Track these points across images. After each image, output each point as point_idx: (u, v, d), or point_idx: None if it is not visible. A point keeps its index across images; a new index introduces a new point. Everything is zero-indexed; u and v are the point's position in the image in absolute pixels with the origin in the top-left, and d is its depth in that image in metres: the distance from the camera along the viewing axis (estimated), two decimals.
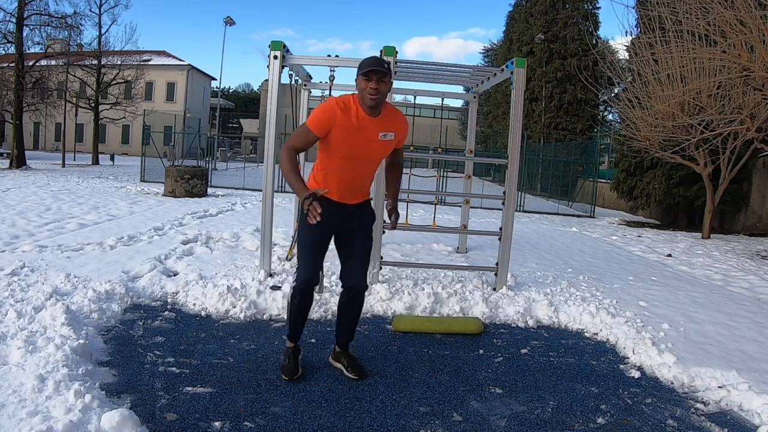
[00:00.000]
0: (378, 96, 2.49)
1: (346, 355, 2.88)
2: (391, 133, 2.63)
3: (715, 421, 2.55)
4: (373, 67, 2.47)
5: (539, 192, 19.40)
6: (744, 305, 4.71)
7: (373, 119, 2.57)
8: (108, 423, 2.02)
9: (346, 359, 2.86)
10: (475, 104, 6.46)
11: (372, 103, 2.51)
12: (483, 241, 6.84)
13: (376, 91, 2.48)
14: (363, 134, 2.56)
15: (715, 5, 6.31)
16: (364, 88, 2.49)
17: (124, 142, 40.22)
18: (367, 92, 2.49)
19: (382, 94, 2.51)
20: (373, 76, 2.47)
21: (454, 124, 34.34)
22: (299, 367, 2.78)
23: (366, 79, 2.48)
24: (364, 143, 2.58)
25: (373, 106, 2.53)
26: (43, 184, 12.47)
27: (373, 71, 2.46)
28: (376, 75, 2.47)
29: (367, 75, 2.47)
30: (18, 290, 3.64)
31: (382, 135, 2.60)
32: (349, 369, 2.81)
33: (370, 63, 2.51)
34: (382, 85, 2.49)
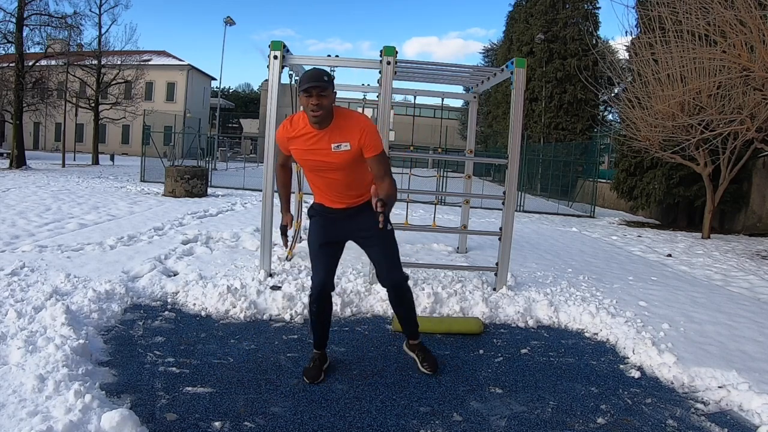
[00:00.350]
0: (321, 111, 2.43)
1: (420, 348, 2.94)
2: (345, 143, 2.51)
3: (715, 421, 2.55)
4: (311, 83, 2.39)
5: (539, 192, 19.41)
6: (744, 305, 4.71)
7: (323, 132, 2.52)
8: (108, 423, 2.02)
9: (420, 352, 2.93)
10: (475, 104, 6.46)
11: (315, 119, 2.45)
12: (483, 241, 6.84)
13: (317, 106, 2.41)
14: (315, 149, 2.55)
15: (715, 5, 6.31)
16: (306, 105, 2.44)
17: (124, 142, 40.23)
18: (309, 109, 2.43)
19: (324, 109, 2.43)
20: (313, 92, 2.40)
21: (454, 124, 34.36)
22: (322, 372, 2.77)
23: (307, 95, 2.41)
24: (319, 157, 2.56)
25: (319, 122, 2.47)
26: (43, 184, 12.47)
27: (312, 87, 2.39)
28: (316, 89, 2.40)
29: (308, 91, 2.40)
30: (18, 290, 3.64)
31: (335, 146, 2.52)
32: (425, 364, 2.88)
33: (307, 78, 2.42)
34: (324, 99, 2.42)
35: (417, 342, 2.99)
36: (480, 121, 26.05)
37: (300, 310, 3.74)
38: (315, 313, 2.74)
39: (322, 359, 2.84)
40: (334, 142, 2.53)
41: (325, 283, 2.68)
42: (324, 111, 2.44)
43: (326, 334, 2.85)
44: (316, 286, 2.67)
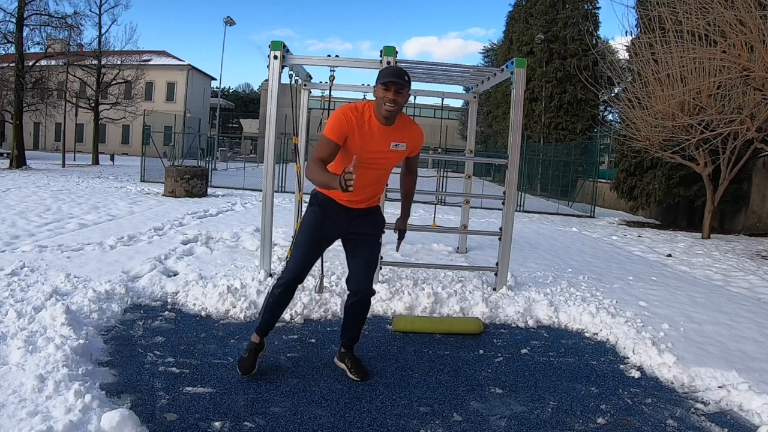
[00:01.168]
0: (395, 107, 2.47)
1: (351, 357, 2.87)
2: (403, 143, 2.61)
3: (715, 421, 2.55)
4: (393, 78, 2.44)
5: (539, 192, 19.41)
6: (744, 305, 4.71)
7: (386, 128, 2.56)
8: (108, 423, 2.02)
9: (350, 360, 2.85)
10: (475, 104, 6.46)
11: (388, 114, 2.49)
12: (483, 241, 6.84)
13: (393, 102, 2.45)
14: (374, 142, 2.55)
15: (715, 5, 6.31)
16: (382, 97, 2.47)
17: (124, 142, 40.23)
18: (384, 102, 2.47)
19: (399, 105, 2.48)
20: (392, 87, 2.44)
21: (454, 124, 34.35)
22: (256, 364, 2.74)
23: (385, 88, 2.45)
24: (375, 152, 2.56)
25: (388, 117, 2.51)
26: (43, 184, 12.47)
27: (393, 82, 2.44)
28: (395, 86, 2.44)
29: (386, 85, 2.45)
30: (18, 290, 3.64)
31: (393, 145, 2.58)
32: (353, 370, 2.80)
33: (390, 73, 2.48)
34: (400, 96, 2.47)
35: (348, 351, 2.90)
36: (480, 121, 26.06)
37: (300, 310, 3.74)
38: (278, 298, 2.69)
39: (258, 348, 2.78)
40: (394, 140, 2.58)
41: (302, 273, 2.68)
42: (397, 107, 2.49)
43: (276, 322, 2.81)
44: (291, 275, 2.64)
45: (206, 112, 43.82)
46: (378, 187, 2.75)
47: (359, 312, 2.81)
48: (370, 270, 2.77)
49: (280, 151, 14.60)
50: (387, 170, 2.74)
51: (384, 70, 2.54)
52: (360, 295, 2.74)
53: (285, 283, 2.66)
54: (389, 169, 2.74)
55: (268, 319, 2.77)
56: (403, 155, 2.69)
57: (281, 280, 2.67)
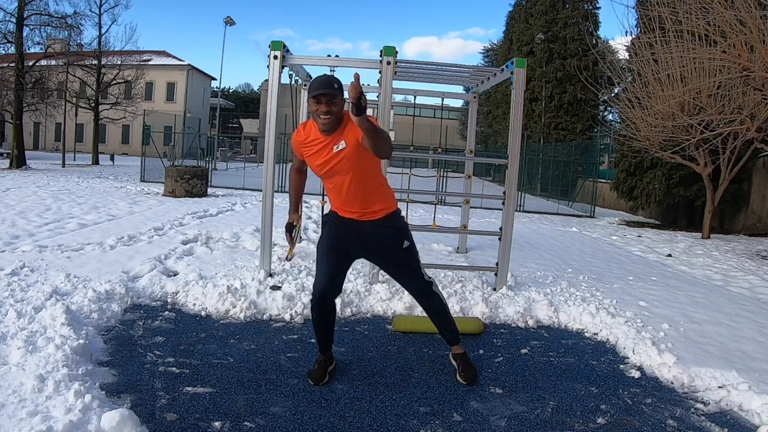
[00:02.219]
0: (329, 117, 2.43)
1: (461, 358, 2.90)
2: (341, 142, 2.52)
3: (715, 421, 2.55)
4: (321, 90, 2.39)
5: (539, 192, 19.41)
6: (744, 305, 4.71)
7: (330, 138, 2.54)
8: (108, 423, 2.02)
9: (461, 362, 2.88)
10: (475, 104, 6.46)
11: (324, 126, 2.47)
12: (483, 241, 6.84)
13: (326, 113, 2.42)
14: (320, 155, 2.57)
15: (715, 5, 6.31)
16: (315, 111, 2.44)
17: (124, 142, 40.24)
18: (318, 115, 2.44)
19: (334, 115, 2.44)
20: (322, 99, 2.40)
21: (454, 124, 34.35)
22: (327, 374, 2.75)
23: (316, 101, 2.41)
24: (324, 163, 2.58)
25: (326, 128, 2.49)
26: (43, 184, 12.47)
27: (322, 94, 2.39)
28: (326, 97, 2.40)
29: (317, 98, 2.41)
30: (18, 290, 3.64)
31: (335, 148, 2.53)
32: (462, 375, 2.83)
33: (317, 85, 2.42)
34: (333, 106, 2.42)
35: (459, 351, 2.93)
36: (480, 121, 26.06)
37: (300, 310, 3.74)
38: (316, 319, 2.73)
39: (327, 361, 2.81)
40: (334, 144, 2.54)
41: (326, 291, 2.63)
42: (333, 118, 2.45)
43: (330, 337, 2.81)
44: (316, 294, 2.63)
45: (206, 112, 43.82)
46: (368, 194, 2.64)
47: (429, 307, 2.89)
48: (409, 272, 2.80)
49: (280, 151, 14.60)
50: (354, 172, 2.56)
51: (312, 82, 2.47)
52: (418, 295, 2.85)
53: (316, 305, 2.66)
54: (354, 169, 2.56)
55: (317, 338, 2.81)
56: (353, 150, 2.51)
57: (312, 302, 2.69)
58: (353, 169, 2.57)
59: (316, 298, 2.64)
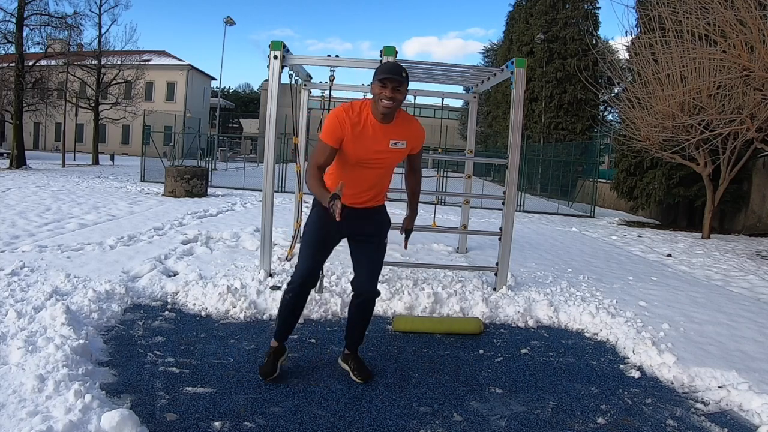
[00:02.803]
0: (392, 104, 2.41)
1: (354, 358, 2.85)
2: (402, 141, 2.55)
3: (715, 421, 2.55)
4: (390, 75, 2.38)
5: (539, 192, 19.41)
6: (744, 305, 4.71)
7: (385, 126, 2.50)
8: (108, 423, 2.02)
9: (353, 362, 2.83)
10: (475, 104, 6.46)
11: (385, 110, 2.43)
12: (483, 241, 6.84)
13: (391, 99, 2.40)
14: (372, 141, 2.50)
15: (715, 5, 6.31)
16: (379, 94, 2.41)
17: (124, 142, 40.24)
18: (381, 99, 2.41)
19: (397, 102, 2.42)
20: (389, 84, 2.39)
21: (454, 124, 34.36)
22: (278, 368, 2.72)
23: (381, 85, 2.40)
24: (373, 151, 2.51)
25: (386, 114, 2.46)
26: (43, 184, 12.47)
27: (389, 79, 2.38)
28: (392, 83, 2.38)
29: (383, 82, 2.39)
30: (18, 290, 3.64)
31: (393, 143, 2.53)
32: (356, 372, 2.78)
33: (387, 69, 2.42)
34: (398, 93, 2.41)
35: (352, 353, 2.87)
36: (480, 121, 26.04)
37: None
38: (290, 302, 2.66)
39: (278, 352, 2.76)
40: (393, 138, 2.52)
41: (313, 274, 2.64)
42: (395, 104, 2.43)
43: (294, 326, 2.79)
44: (302, 276, 2.60)
45: (206, 112, 43.82)
46: (381, 187, 2.70)
47: (363, 314, 2.77)
48: (375, 271, 2.72)
49: (280, 151, 14.61)
50: (388, 169, 2.67)
51: (381, 66, 2.49)
52: (363, 296, 2.70)
53: (295, 287, 2.63)
54: (391, 168, 2.68)
55: (281, 325, 2.74)
56: (404, 153, 2.63)
57: (291, 284, 2.64)
58: (391, 167, 2.64)
59: (301, 281, 2.61)
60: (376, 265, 2.72)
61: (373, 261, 2.70)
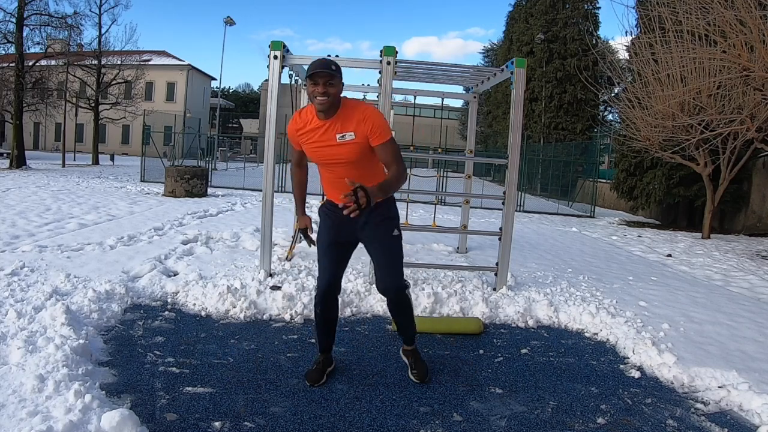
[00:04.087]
0: (327, 99, 2.38)
1: (413, 354, 2.87)
2: (349, 132, 2.46)
3: (715, 421, 2.55)
4: (319, 70, 2.35)
5: (539, 192, 19.41)
6: (744, 305, 4.71)
7: (327, 122, 2.47)
8: (108, 423, 2.02)
9: (412, 358, 2.86)
10: (475, 104, 6.46)
11: (321, 107, 2.41)
12: (483, 241, 6.84)
13: (324, 94, 2.37)
14: (320, 140, 2.50)
15: (715, 5, 6.31)
16: (312, 92, 2.39)
17: (124, 142, 40.23)
18: (315, 96, 2.39)
19: (331, 96, 2.38)
20: (319, 80, 2.35)
21: (454, 124, 34.35)
22: (324, 376, 2.74)
23: (313, 83, 2.37)
24: (324, 149, 2.51)
25: (324, 110, 2.43)
26: (43, 184, 12.47)
27: (318, 74, 2.35)
28: (323, 77, 2.35)
29: (313, 78, 2.36)
30: (18, 290, 3.64)
31: (339, 137, 2.46)
32: (415, 372, 2.80)
33: (315, 65, 2.39)
34: (330, 87, 2.37)
35: (411, 348, 2.90)
36: (480, 121, 26.05)
37: (300, 310, 3.74)
38: (320, 315, 2.69)
39: (325, 362, 2.79)
40: (339, 132, 2.47)
41: (331, 284, 2.61)
42: (330, 99, 2.39)
43: (332, 337, 2.79)
44: (322, 287, 2.61)
45: (206, 112, 43.81)
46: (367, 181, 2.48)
47: (398, 308, 2.74)
48: (393, 265, 2.63)
49: (280, 151, 14.60)
50: (354, 164, 2.52)
51: (310, 64, 2.43)
52: (391, 293, 2.65)
53: (321, 300, 2.63)
54: (355, 162, 2.52)
55: (320, 337, 2.77)
56: (360, 144, 2.47)
57: (316, 298, 2.65)
58: (357, 161, 2.54)
59: (320, 295, 2.62)
60: (391, 260, 2.64)
61: (387, 256, 2.64)
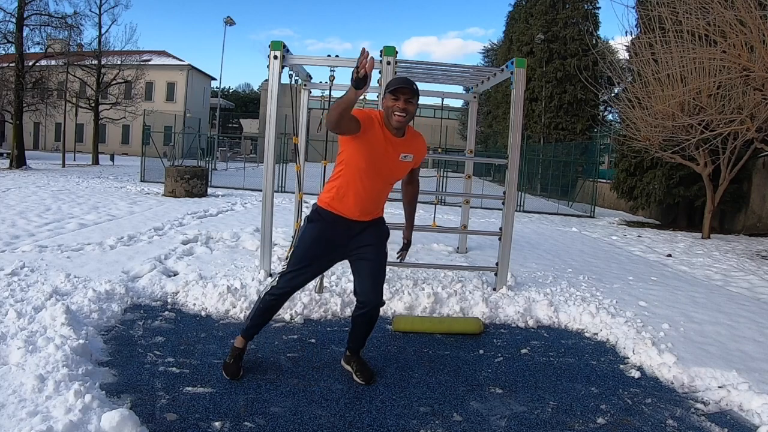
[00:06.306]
0: (405, 116, 2.41)
1: (357, 360, 2.84)
2: (410, 155, 2.56)
3: (715, 421, 2.55)
4: (403, 86, 2.38)
5: (539, 192, 19.41)
6: (744, 305, 4.71)
7: (397, 139, 2.50)
8: (108, 423, 2.02)
9: (356, 363, 2.82)
10: (475, 104, 6.46)
11: (398, 124, 2.43)
12: (483, 241, 6.84)
13: (404, 111, 2.40)
14: (385, 153, 2.48)
15: (715, 5, 6.31)
16: (391, 107, 2.40)
17: (124, 142, 40.23)
18: (393, 111, 2.40)
19: (409, 115, 2.42)
20: (401, 96, 2.38)
21: (454, 124, 34.36)
22: (241, 368, 2.72)
23: (394, 98, 2.39)
24: (385, 161, 2.49)
25: (399, 127, 2.45)
26: (43, 184, 12.47)
27: (401, 90, 2.38)
28: (405, 95, 2.38)
29: (395, 93, 2.38)
30: (18, 290, 3.64)
31: (402, 156, 2.53)
32: (359, 374, 2.77)
33: (399, 81, 2.42)
34: (410, 105, 2.41)
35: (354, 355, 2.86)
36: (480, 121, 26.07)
37: (300, 310, 3.74)
38: (271, 308, 2.67)
39: (242, 353, 2.76)
40: (403, 152, 2.52)
41: (299, 288, 2.69)
42: (407, 118, 2.43)
43: (263, 327, 2.79)
44: (287, 288, 2.61)
45: (206, 112, 43.80)
46: (382, 199, 2.67)
47: (367, 322, 2.73)
48: (379, 280, 2.67)
49: (280, 151, 14.61)
50: (392, 181, 2.65)
51: (392, 79, 2.50)
52: (369, 306, 2.65)
53: (280, 296, 2.65)
54: (394, 180, 2.65)
55: (258, 324, 2.74)
56: (410, 167, 2.64)
57: (277, 290, 2.62)
58: (396, 180, 2.63)
59: (286, 292, 2.64)
60: (378, 274, 2.67)
61: (375, 269, 2.65)
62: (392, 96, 2.40)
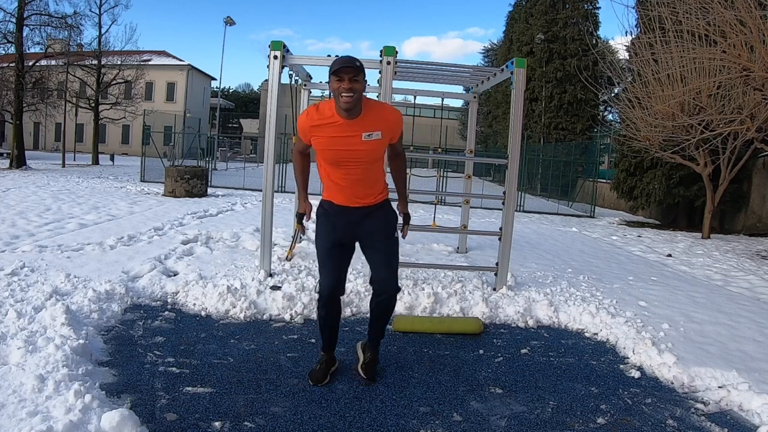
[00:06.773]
0: (353, 96, 2.32)
1: (372, 351, 2.86)
2: (377, 131, 2.44)
3: (715, 421, 2.55)
4: (344, 65, 2.31)
5: (539, 192, 19.41)
6: (744, 305, 4.71)
7: (353, 121, 2.42)
8: (108, 423, 2.02)
9: (369, 355, 2.84)
10: (475, 104, 6.46)
11: (347, 105, 2.34)
12: (483, 241, 6.84)
13: (350, 90, 2.31)
14: (343, 139, 2.43)
15: (715, 5, 6.31)
16: (337, 89, 2.32)
17: (124, 142, 40.23)
18: (340, 93, 2.32)
19: (357, 93, 2.34)
20: (344, 76, 2.30)
21: (454, 124, 34.36)
22: (328, 375, 2.74)
23: (338, 79, 2.31)
24: (347, 148, 2.45)
25: (349, 109, 2.37)
26: (43, 184, 12.47)
27: (344, 69, 2.30)
28: (348, 74, 2.30)
29: (338, 74, 2.30)
30: (18, 290, 3.64)
31: (366, 135, 2.43)
32: (364, 366, 2.80)
33: (339, 62, 2.35)
34: (356, 83, 2.32)
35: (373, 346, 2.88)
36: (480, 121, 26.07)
37: (300, 310, 3.74)
38: (323, 317, 2.68)
39: (329, 362, 2.79)
40: (366, 131, 2.43)
41: (335, 287, 2.59)
42: (356, 96, 2.34)
43: (335, 337, 2.79)
44: (325, 291, 2.58)
45: (206, 112, 43.80)
46: (374, 180, 2.62)
47: (385, 311, 2.72)
48: (392, 266, 2.63)
49: (280, 151, 14.60)
50: (371, 163, 2.54)
51: (334, 61, 2.40)
52: (386, 294, 2.62)
53: (325, 302, 2.62)
54: (373, 161, 2.55)
55: (326, 338, 2.77)
56: (383, 143, 2.52)
57: (320, 300, 2.63)
58: (374, 160, 2.54)
59: (325, 297, 2.59)
60: (390, 260, 2.64)
61: (387, 256, 2.62)
62: (336, 78, 2.32)
